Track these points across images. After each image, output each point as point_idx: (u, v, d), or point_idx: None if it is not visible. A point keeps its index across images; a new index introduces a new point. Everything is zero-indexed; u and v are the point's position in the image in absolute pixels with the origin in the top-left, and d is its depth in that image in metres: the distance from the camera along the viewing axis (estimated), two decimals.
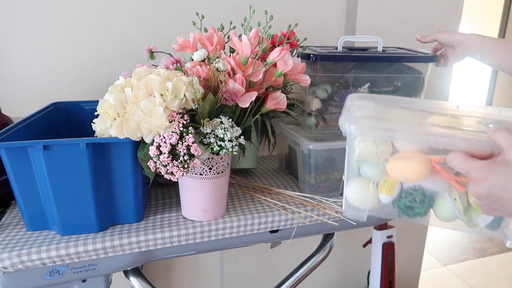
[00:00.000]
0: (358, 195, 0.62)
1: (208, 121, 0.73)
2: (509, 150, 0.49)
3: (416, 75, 1.01)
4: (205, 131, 0.72)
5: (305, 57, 0.94)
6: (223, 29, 0.97)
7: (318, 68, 0.95)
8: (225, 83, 0.75)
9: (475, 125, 0.60)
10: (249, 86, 0.80)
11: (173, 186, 0.99)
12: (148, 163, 0.70)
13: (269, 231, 0.90)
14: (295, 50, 0.96)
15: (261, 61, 0.83)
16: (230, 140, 0.72)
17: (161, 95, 0.70)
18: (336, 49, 1.02)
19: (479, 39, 0.94)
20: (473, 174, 0.51)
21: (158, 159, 0.69)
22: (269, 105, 0.83)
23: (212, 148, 0.72)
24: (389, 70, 1.00)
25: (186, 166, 0.70)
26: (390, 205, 0.62)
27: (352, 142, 0.61)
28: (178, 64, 0.92)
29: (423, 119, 0.66)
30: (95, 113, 0.77)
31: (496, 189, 0.49)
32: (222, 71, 0.77)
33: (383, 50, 1.03)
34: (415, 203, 0.59)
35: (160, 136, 0.69)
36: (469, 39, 0.96)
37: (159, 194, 0.96)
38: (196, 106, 0.73)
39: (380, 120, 0.63)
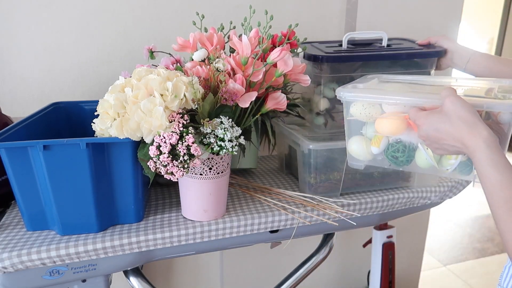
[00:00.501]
0: (356, 149, 0.80)
1: (208, 121, 0.73)
2: (444, 102, 0.63)
3: (422, 70, 0.99)
4: (205, 131, 0.72)
5: (313, 58, 0.93)
6: (223, 29, 0.97)
7: (325, 68, 0.94)
8: (225, 83, 0.75)
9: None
10: (249, 86, 0.80)
11: (173, 186, 0.99)
12: (148, 163, 0.70)
13: (269, 231, 0.90)
14: (299, 49, 0.95)
15: (261, 61, 0.83)
16: (230, 140, 0.72)
17: (161, 95, 0.70)
18: (341, 45, 1.01)
19: (471, 51, 0.97)
20: (418, 121, 0.67)
21: (158, 159, 0.69)
22: (269, 105, 0.83)
23: (212, 148, 0.72)
24: (395, 66, 0.98)
25: (186, 166, 0.70)
26: (382, 156, 0.78)
27: (347, 107, 0.78)
28: (178, 64, 0.92)
29: (409, 88, 0.84)
30: (95, 113, 0.77)
31: (431, 131, 0.64)
32: (222, 71, 0.77)
33: (387, 45, 1.02)
34: (398, 153, 0.75)
35: (160, 136, 0.69)
36: (463, 49, 0.98)
37: (159, 194, 0.96)
38: (196, 106, 0.73)
39: (365, 89, 0.79)
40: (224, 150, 0.72)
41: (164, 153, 0.68)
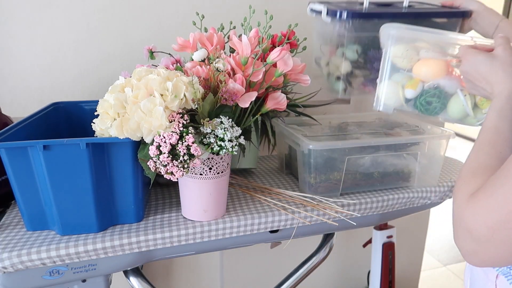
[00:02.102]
0: (388, 92, 0.78)
1: (208, 121, 0.73)
2: (497, 48, 0.64)
3: (447, 31, 0.93)
4: (205, 131, 0.72)
5: (337, 14, 0.86)
6: (223, 29, 0.97)
7: (349, 26, 0.86)
8: (225, 83, 0.75)
9: None
10: (249, 86, 0.80)
11: (173, 186, 0.99)
12: (148, 163, 0.70)
13: (269, 231, 0.90)
14: (323, 8, 0.89)
15: (261, 61, 0.83)
16: (230, 140, 0.72)
17: (161, 95, 0.70)
18: (362, 3, 0.94)
19: (501, 17, 0.89)
20: (465, 56, 0.67)
21: (158, 159, 0.69)
22: (269, 105, 0.83)
23: (212, 148, 0.72)
24: (422, 27, 0.90)
25: (186, 166, 0.70)
26: (413, 102, 0.78)
27: (389, 47, 0.78)
28: (178, 64, 0.92)
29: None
30: (95, 113, 0.77)
31: (473, 69, 0.65)
32: (222, 71, 0.77)
33: (409, 6, 0.95)
34: (433, 98, 0.75)
35: (160, 136, 0.69)
36: (491, 12, 0.91)
37: (159, 194, 0.96)
38: (196, 106, 0.73)
39: (413, 28, 0.78)
40: (224, 150, 0.72)
41: (164, 153, 0.68)
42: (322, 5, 0.90)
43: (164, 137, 0.69)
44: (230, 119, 0.75)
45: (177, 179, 0.71)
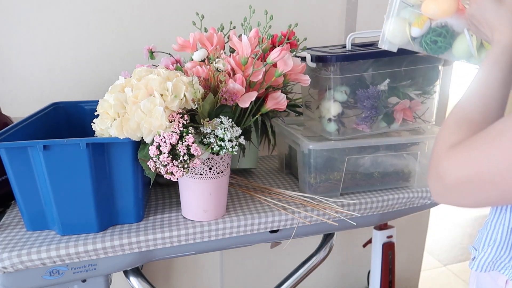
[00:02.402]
0: (394, 29, 0.78)
1: (208, 121, 0.73)
2: None
3: (431, 65, 0.97)
4: (205, 131, 0.72)
5: (321, 59, 0.90)
6: (223, 29, 0.97)
7: (335, 69, 0.89)
8: (225, 83, 0.75)
9: None
10: (249, 86, 0.80)
11: (173, 186, 0.99)
12: (148, 163, 0.70)
13: (269, 231, 0.90)
14: (307, 54, 0.93)
15: (261, 61, 0.83)
16: (230, 140, 0.72)
17: (161, 95, 0.70)
18: (344, 47, 0.98)
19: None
20: None
21: (158, 159, 0.69)
22: (269, 105, 0.83)
23: (212, 148, 0.72)
24: (406, 63, 0.96)
25: (186, 166, 0.70)
26: (418, 41, 0.78)
27: None
28: (178, 64, 0.92)
29: None
30: (95, 113, 0.77)
31: (478, 13, 0.63)
32: (222, 71, 0.77)
33: None
34: (439, 37, 0.75)
35: (160, 136, 0.69)
36: None
37: (159, 194, 0.96)
38: (196, 106, 0.73)
39: None
40: (224, 150, 0.72)
41: (164, 153, 0.68)
42: (306, 52, 0.93)
43: (164, 137, 0.69)
44: (230, 119, 0.75)
45: (177, 179, 0.71)
